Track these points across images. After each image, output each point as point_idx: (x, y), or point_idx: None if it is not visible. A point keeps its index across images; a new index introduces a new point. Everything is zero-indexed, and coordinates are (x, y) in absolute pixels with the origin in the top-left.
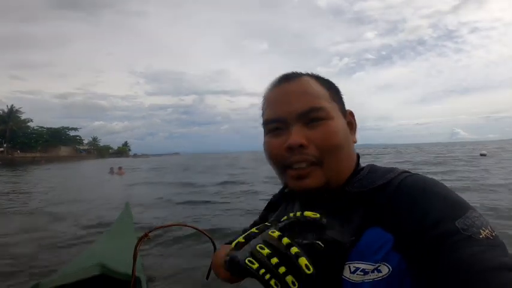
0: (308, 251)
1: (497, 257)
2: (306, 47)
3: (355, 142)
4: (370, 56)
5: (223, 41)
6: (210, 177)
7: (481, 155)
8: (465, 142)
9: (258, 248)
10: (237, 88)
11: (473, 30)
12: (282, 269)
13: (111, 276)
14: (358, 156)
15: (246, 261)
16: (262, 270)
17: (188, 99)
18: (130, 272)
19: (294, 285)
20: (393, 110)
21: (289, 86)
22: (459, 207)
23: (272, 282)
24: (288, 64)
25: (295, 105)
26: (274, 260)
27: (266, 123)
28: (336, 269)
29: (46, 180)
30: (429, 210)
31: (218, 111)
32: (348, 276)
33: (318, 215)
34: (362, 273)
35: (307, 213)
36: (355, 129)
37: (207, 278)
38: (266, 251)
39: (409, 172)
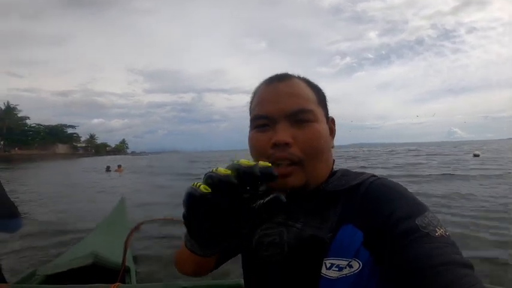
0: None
1: (450, 253)
2: (305, 46)
3: (332, 147)
4: (369, 56)
5: (222, 39)
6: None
7: (474, 155)
8: (462, 142)
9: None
10: (234, 86)
11: (471, 30)
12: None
13: (103, 266)
14: (333, 161)
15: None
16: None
17: (187, 97)
18: (121, 261)
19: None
20: (391, 109)
21: (281, 86)
22: (419, 207)
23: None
24: (287, 63)
25: (286, 104)
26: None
27: (254, 119)
28: (315, 266)
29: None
30: (393, 209)
31: (216, 109)
32: (324, 273)
33: (270, 164)
34: (337, 269)
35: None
36: (334, 136)
37: None
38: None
39: (377, 176)
